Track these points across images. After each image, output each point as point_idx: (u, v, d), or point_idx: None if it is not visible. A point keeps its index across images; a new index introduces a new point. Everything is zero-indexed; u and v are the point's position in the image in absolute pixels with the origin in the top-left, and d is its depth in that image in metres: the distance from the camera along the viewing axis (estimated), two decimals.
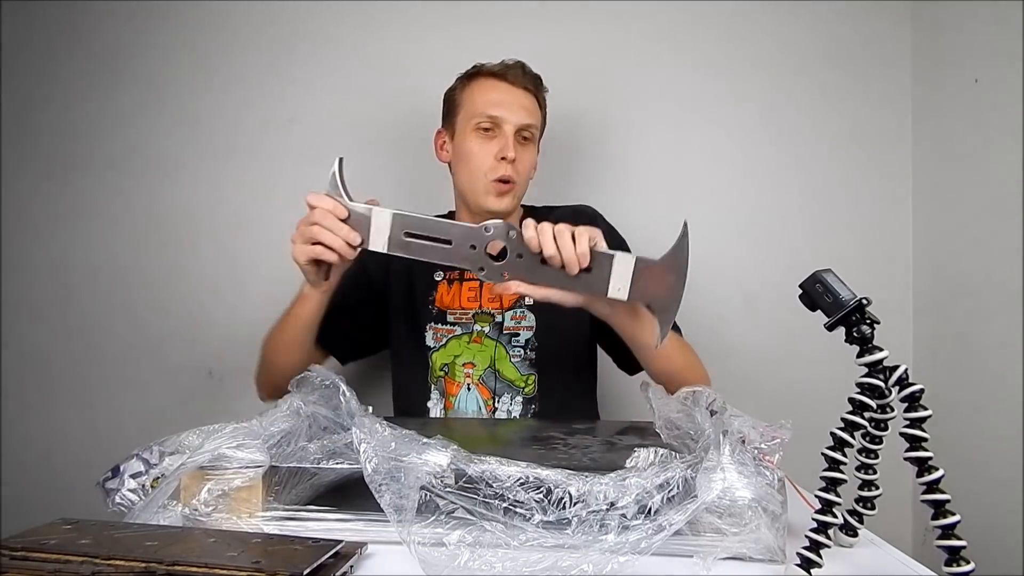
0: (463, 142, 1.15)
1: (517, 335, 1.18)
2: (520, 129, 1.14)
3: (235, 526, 0.67)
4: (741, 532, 0.63)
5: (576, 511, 0.63)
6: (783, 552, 0.64)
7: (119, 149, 1.47)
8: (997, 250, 1.24)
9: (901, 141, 1.50)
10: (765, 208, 1.50)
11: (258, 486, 0.68)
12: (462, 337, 1.18)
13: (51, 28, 1.47)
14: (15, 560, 0.56)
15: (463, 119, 1.16)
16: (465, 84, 1.18)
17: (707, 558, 0.62)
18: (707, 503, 0.63)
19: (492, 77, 1.16)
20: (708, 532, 0.64)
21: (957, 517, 0.57)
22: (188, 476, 0.68)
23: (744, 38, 1.50)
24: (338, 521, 0.69)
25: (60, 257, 1.46)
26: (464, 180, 1.17)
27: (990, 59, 1.27)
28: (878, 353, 0.60)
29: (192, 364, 1.46)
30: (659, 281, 0.86)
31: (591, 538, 0.62)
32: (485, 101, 1.14)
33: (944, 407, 1.25)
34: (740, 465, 0.64)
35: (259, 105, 1.48)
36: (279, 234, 1.49)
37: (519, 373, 1.17)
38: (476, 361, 1.17)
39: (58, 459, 1.44)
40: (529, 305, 1.19)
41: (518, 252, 0.88)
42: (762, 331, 1.45)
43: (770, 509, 0.63)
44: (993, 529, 1.17)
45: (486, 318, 1.18)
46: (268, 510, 0.68)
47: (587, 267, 0.86)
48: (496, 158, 1.12)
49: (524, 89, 1.16)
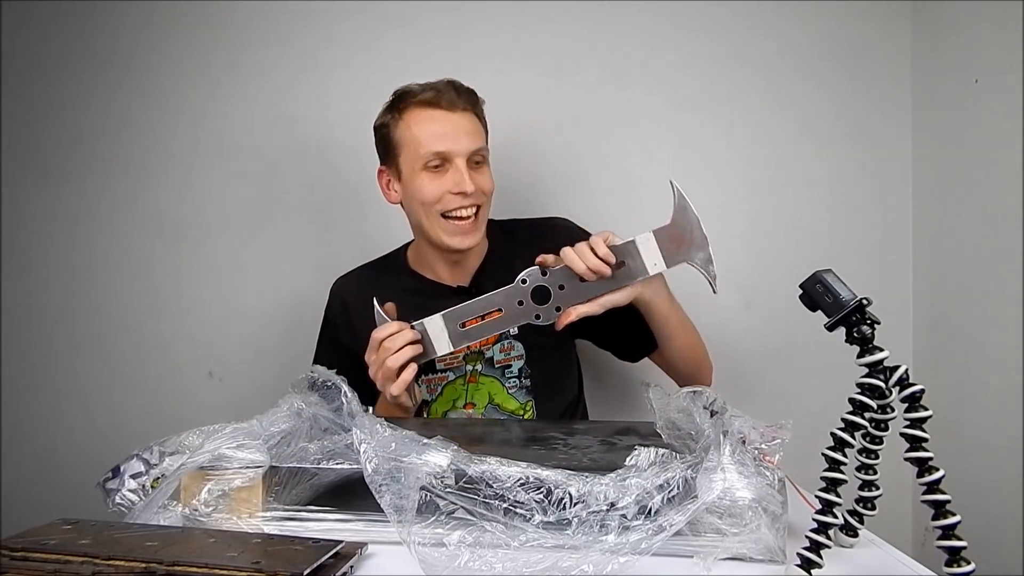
0: (412, 183, 1.10)
1: (509, 366, 1.17)
2: (471, 155, 1.09)
3: (235, 526, 0.67)
4: (741, 533, 0.64)
5: (576, 511, 0.63)
6: (783, 552, 0.64)
7: (119, 149, 1.47)
8: (997, 250, 1.24)
9: (901, 141, 1.50)
10: (765, 208, 1.49)
11: (258, 486, 0.68)
12: (456, 381, 1.16)
13: (52, 29, 1.46)
14: (15, 560, 0.56)
15: (408, 159, 1.10)
16: (398, 118, 1.11)
17: (707, 558, 0.62)
18: (707, 503, 0.63)
19: (426, 107, 1.09)
20: (709, 532, 0.64)
21: (957, 518, 0.57)
22: (188, 476, 0.68)
23: (744, 38, 1.50)
24: (338, 521, 0.69)
25: (61, 257, 1.46)
26: (423, 223, 1.12)
27: (990, 59, 1.27)
28: (878, 353, 0.60)
29: (192, 364, 1.46)
30: (681, 237, 0.92)
31: (591, 538, 0.62)
32: (428, 136, 1.07)
33: (944, 407, 1.25)
34: (740, 465, 0.64)
35: (261, 105, 1.48)
36: (280, 234, 1.50)
37: (518, 402, 1.17)
38: (476, 400, 1.16)
39: (58, 459, 1.44)
40: (514, 335, 1.16)
41: (559, 284, 0.96)
42: (762, 331, 1.45)
43: (770, 509, 0.64)
44: (993, 530, 1.17)
45: (476, 357, 1.16)
46: (268, 510, 0.68)
47: (619, 262, 0.93)
48: (452, 192, 1.08)
49: (463, 111, 1.09)
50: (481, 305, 0.98)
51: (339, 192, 1.47)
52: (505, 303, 0.97)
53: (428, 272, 1.20)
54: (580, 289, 0.96)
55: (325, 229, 1.47)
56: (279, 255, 1.47)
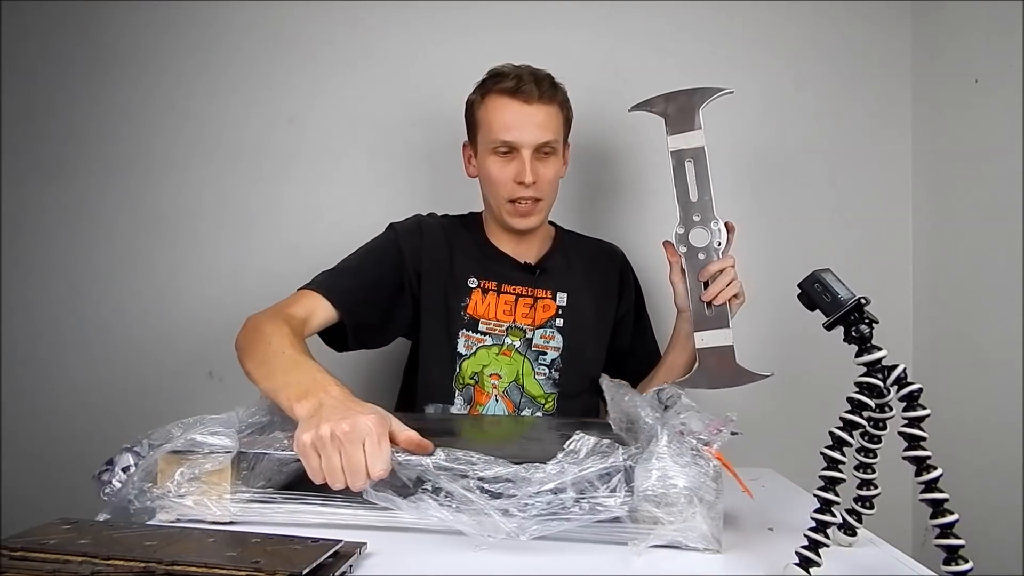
0: (484, 163, 1.16)
1: (544, 354, 1.19)
2: (537, 147, 1.13)
3: (205, 507, 0.71)
4: (676, 521, 0.66)
5: (518, 496, 0.66)
6: (719, 541, 0.67)
7: (119, 149, 1.47)
8: (997, 250, 1.23)
9: (901, 141, 1.50)
10: (765, 208, 1.50)
11: (227, 470, 0.72)
12: (491, 348, 1.18)
13: (52, 29, 1.47)
14: (15, 560, 0.56)
15: (482, 140, 1.16)
16: (481, 101, 1.16)
17: (639, 544, 0.64)
18: (642, 491, 0.65)
19: (505, 95, 1.12)
20: (647, 521, 0.66)
21: (956, 516, 0.57)
22: (164, 460, 0.72)
23: (743, 38, 1.50)
24: (300, 504, 0.72)
25: (61, 257, 1.46)
26: (490, 199, 1.19)
27: (990, 59, 1.27)
28: (877, 352, 0.60)
29: (192, 364, 1.46)
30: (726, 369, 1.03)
31: (527, 516, 0.66)
32: (500, 124, 1.12)
33: (943, 406, 1.25)
34: (676, 455, 0.66)
35: (260, 105, 1.48)
36: (280, 234, 1.50)
37: (543, 390, 1.19)
38: (503, 373, 1.17)
39: (58, 459, 1.44)
40: (559, 327, 1.20)
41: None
42: (762, 331, 1.45)
43: (705, 498, 0.66)
44: (992, 528, 1.17)
45: (518, 333, 1.19)
46: (236, 493, 0.72)
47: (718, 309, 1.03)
48: (515, 181, 1.13)
49: (539, 103, 1.12)
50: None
51: (339, 192, 1.48)
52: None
53: (497, 243, 1.24)
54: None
55: (325, 229, 1.47)
56: (279, 255, 1.47)
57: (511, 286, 1.20)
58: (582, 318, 1.21)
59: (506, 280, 1.20)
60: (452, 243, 1.21)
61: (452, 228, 1.24)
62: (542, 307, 1.20)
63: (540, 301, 1.20)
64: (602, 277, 1.27)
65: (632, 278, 1.31)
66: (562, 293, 1.21)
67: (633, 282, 1.31)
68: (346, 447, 0.69)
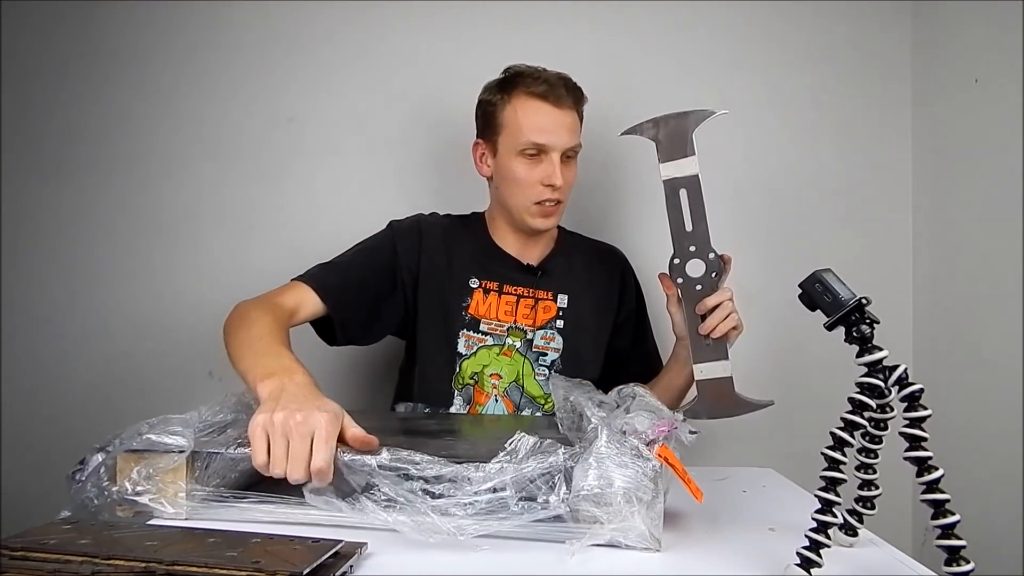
0: (508, 164, 1.15)
1: (545, 355, 1.20)
2: (565, 151, 1.14)
3: (161, 506, 0.72)
4: (614, 520, 0.66)
5: (459, 496, 0.67)
6: (658, 540, 0.67)
7: (119, 149, 1.47)
8: (997, 250, 1.24)
9: (901, 141, 1.50)
10: (765, 208, 1.50)
11: (182, 468, 0.73)
12: (492, 348, 1.18)
13: (52, 29, 1.46)
14: (15, 560, 0.56)
15: (507, 140, 1.14)
16: (507, 101, 1.14)
17: (575, 543, 0.65)
18: (579, 491, 0.65)
19: (536, 98, 1.12)
20: (588, 520, 0.67)
21: (957, 517, 0.57)
22: (122, 459, 0.74)
23: (743, 38, 1.50)
24: (252, 503, 0.73)
25: (61, 257, 1.46)
26: (509, 200, 1.18)
27: (990, 59, 1.27)
28: (878, 353, 0.60)
29: (192, 364, 1.46)
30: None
31: (465, 515, 0.66)
32: (531, 127, 1.12)
33: (944, 407, 1.25)
34: (615, 455, 0.67)
35: (260, 105, 1.48)
36: (280, 234, 1.50)
37: (542, 391, 1.19)
38: (503, 373, 1.18)
39: (58, 459, 1.43)
40: (559, 328, 1.20)
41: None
42: (762, 330, 1.44)
43: (643, 498, 0.66)
44: (993, 529, 1.17)
45: (519, 333, 1.19)
46: (191, 492, 0.73)
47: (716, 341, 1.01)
48: (543, 183, 1.13)
49: (567, 109, 1.13)
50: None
51: (339, 192, 1.47)
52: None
53: (502, 243, 1.24)
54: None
55: (325, 229, 1.47)
56: (279, 255, 1.47)
57: (512, 287, 1.20)
58: (582, 320, 1.21)
59: (508, 281, 1.20)
60: (452, 243, 1.21)
61: (453, 228, 1.24)
62: (543, 308, 1.20)
63: (541, 302, 1.21)
64: (603, 279, 1.27)
65: (633, 281, 1.31)
66: (563, 295, 1.21)
67: (634, 285, 1.31)
68: (294, 437, 0.70)
